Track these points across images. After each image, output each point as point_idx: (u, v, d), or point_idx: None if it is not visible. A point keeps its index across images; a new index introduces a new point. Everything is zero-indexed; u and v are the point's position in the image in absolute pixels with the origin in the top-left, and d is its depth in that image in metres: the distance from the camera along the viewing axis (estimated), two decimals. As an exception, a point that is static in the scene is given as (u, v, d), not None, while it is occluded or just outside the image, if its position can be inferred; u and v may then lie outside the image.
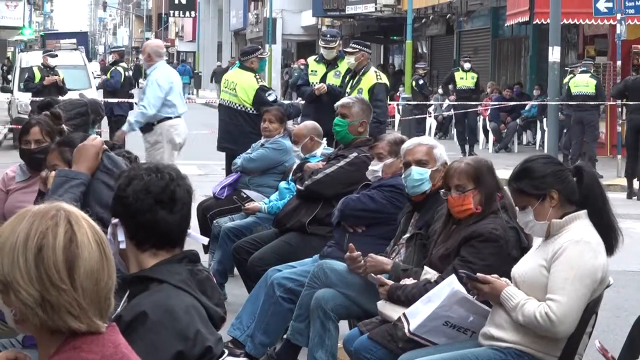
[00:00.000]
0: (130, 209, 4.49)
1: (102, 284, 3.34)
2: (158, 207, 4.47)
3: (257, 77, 15.10)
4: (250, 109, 14.57)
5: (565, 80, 26.22)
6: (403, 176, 7.56)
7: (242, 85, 14.81)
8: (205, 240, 5.33)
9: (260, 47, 17.74)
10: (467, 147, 29.81)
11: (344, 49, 15.99)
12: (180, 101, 15.15)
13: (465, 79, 30.64)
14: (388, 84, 15.84)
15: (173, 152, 14.60)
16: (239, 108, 14.74)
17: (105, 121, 21.23)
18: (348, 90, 14.84)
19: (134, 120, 14.79)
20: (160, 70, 14.85)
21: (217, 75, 64.86)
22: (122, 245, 4.49)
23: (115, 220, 4.51)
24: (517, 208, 6.18)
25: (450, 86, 31.97)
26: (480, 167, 6.75)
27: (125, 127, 15.19)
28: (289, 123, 13.20)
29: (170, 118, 14.64)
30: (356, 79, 15.17)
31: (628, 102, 22.57)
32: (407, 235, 7.51)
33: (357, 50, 15.29)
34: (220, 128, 15.31)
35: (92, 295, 3.33)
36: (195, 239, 4.90)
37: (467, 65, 31.12)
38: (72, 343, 3.31)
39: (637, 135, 22.13)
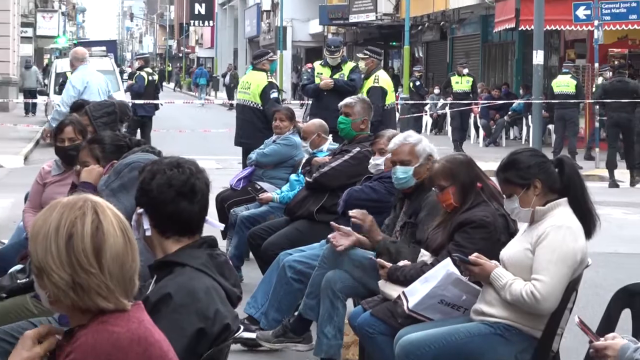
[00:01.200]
0: (154, 200, 4.49)
1: (126, 267, 3.36)
2: (179, 198, 4.47)
3: (269, 76, 15.20)
4: (261, 105, 14.66)
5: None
6: (392, 173, 7.58)
7: (255, 84, 14.92)
8: (222, 226, 5.33)
9: (270, 50, 17.79)
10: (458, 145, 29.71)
11: (358, 55, 16.33)
12: (98, 98, 15.21)
13: (460, 83, 30.58)
14: (386, 87, 15.87)
15: None
16: (252, 105, 14.84)
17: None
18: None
19: (51, 118, 15.56)
20: (77, 74, 15.63)
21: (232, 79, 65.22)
22: (148, 233, 4.50)
23: (140, 210, 4.52)
24: (504, 196, 6.17)
25: (448, 89, 31.92)
26: (453, 164, 6.75)
27: (46, 125, 16.04)
28: (299, 120, 13.20)
29: None
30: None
31: (607, 101, 22.54)
32: (400, 222, 7.52)
33: (368, 56, 15.95)
34: (237, 125, 15.38)
35: (118, 277, 3.34)
36: (213, 226, 4.89)
37: (465, 71, 31.10)
38: (101, 318, 3.32)
39: (617, 130, 22.25)
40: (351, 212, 7.70)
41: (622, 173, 21.91)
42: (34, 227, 3.38)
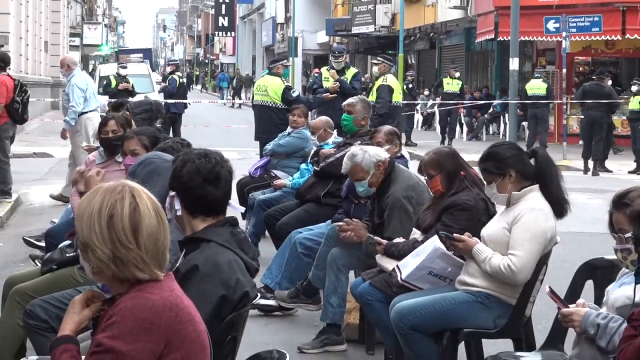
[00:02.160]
0: (184, 185, 4.49)
1: (159, 243, 3.36)
2: (206, 184, 4.47)
3: (283, 80, 15.25)
4: (280, 104, 14.68)
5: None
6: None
7: (272, 87, 14.93)
8: (243, 209, 5.33)
9: (284, 57, 17.88)
10: (446, 140, 29.60)
11: (372, 61, 16.58)
12: (94, 98, 15.79)
13: (451, 85, 30.60)
14: (393, 86, 16.03)
15: (87, 138, 15.17)
16: (271, 105, 14.84)
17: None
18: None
19: (70, 118, 15.31)
20: (78, 76, 15.55)
21: (246, 81, 65.15)
22: (179, 213, 4.50)
23: (172, 193, 4.52)
24: (484, 182, 6.17)
25: (439, 89, 31.86)
26: (439, 156, 6.73)
27: (65, 126, 15.76)
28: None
29: (85, 112, 15.31)
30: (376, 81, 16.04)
31: (585, 101, 22.69)
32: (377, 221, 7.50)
33: (380, 62, 16.61)
34: (256, 123, 15.37)
35: (152, 252, 3.34)
36: (234, 208, 4.90)
37: (457, 74, 31.19)
38: (138, 287, 3.33)
39: (592, 127, 22.38)
40: (341, 232, 7.63)
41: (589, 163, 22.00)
42: (80, 208, 3.39)
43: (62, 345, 3.36)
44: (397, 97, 16.32)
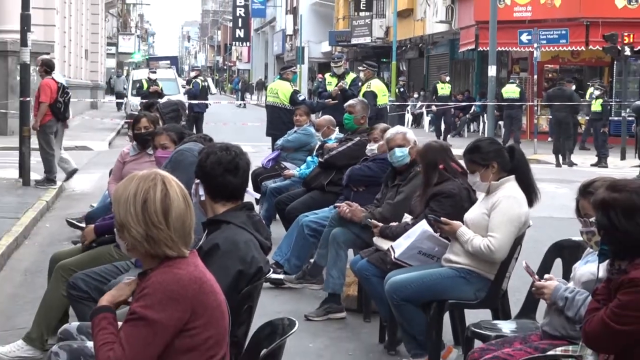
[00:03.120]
0: (208, 174, 4.49)
1: (186, 224, 3.37)
2: (226, 173, 4.46)
3: (292, 84, 15.26)
4: (288, 105, 14.67)
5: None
6: (388, 155, 7.52)
7: (282, 91, 14.95)
8: (258, 195, 5.32)
9: (293, 65, 17.87)
10: (441, 135, 29.49)
11: (358, 67, 16.40)
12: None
13: (444, 89, 30.76)
14: (377, 91, 15.90)
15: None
16: (280, 106, 14.86)
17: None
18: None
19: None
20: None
21: (259, 85, 65.20)
22: (202, 198, 4.50)
23: (197, 181, 4.52)
24: (468, 172, 6.14)
25: (434, 96, 31.80)
26: (425, 148, 6.77)
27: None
28: (312, 117, 13.19)
29: None
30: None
31: (550, 104, 22.87)
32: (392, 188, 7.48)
33: (365, 68, 16.28)
34: (267, 121, 15.39)
35: (180, 232, 3.35)
36: (251, 195, 4.91)
37: (447, 78, 31.34)
38: (167, 263, 3.33)
39: (560, 126, 22.54)
40: (340, 209, 7.68)
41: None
42: (117, 193, 3.38)
43: (101, 314, 3.38)
44: (382, 100, 16.14)
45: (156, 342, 3.24)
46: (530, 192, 5.96)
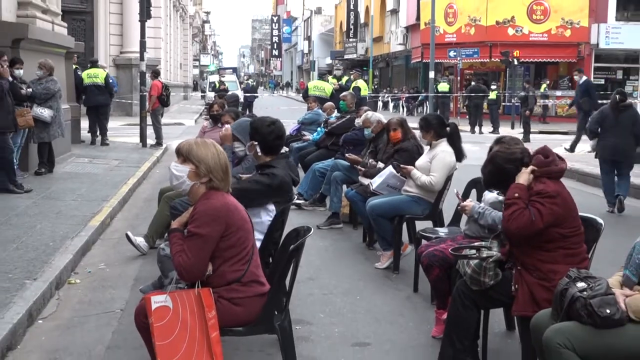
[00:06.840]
0: (261, 137, 4.41)
1: (228, 173, 3.30)
2: (272, 136, 4.38)
3: (331, 84, 15.36)
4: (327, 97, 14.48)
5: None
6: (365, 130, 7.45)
7: (327, 88, 15.08)
8: (286, 149, 5.26)
9: (327, 73, 17.81)
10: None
11: (350, 72, 16.44)
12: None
13: (444, 87, 29.22)
14: (361, 87, 15.73)
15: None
16: (325, 97, 14.33)
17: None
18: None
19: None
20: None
21: (286, 85, 64.39)
22: (259, 153, 4.43)
23: (255, 143, 4.44)
24: (421, 135, 6.04)
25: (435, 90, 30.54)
26: (402, 120, 6.65)
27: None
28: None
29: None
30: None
31: (470, 95, 22.71)
32: (368, 151, 7.39)
33: (354, 72, 16.03)
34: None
35: (226, 177, 3.29)
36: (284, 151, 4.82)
37: (444, 79, 30.20)
38: (205, 195, 3.25)
39: (476, 108, 22.40)
40: (348, 157, 7.50)
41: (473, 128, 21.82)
42: (202, 152, 3.29)
43: (174, 233, 3.30)
44: (364, 93, 16.07)
45: (207, 247, 3.17)
46: (458, 150, 5.88)
